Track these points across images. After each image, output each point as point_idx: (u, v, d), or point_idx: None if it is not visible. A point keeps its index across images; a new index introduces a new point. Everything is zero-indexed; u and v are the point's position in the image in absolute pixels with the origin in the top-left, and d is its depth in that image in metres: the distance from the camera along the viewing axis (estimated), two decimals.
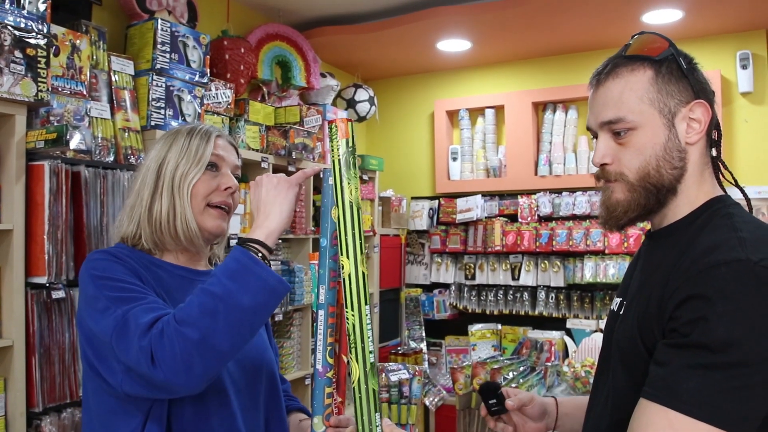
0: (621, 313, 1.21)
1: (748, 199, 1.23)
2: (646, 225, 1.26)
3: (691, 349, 0.96)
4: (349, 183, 1.12)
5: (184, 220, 1.42)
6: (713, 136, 1.18)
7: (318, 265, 1.22)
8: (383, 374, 3.14)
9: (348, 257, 1.10)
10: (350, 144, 1.13)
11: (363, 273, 1.09)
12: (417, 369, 3.27)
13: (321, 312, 1.20)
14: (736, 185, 1.23)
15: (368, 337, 1.09)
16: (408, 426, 3.13)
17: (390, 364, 3.41)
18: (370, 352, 1.09)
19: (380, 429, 1.08)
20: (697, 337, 0.96)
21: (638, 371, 1.07)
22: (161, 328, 1.16)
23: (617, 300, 1.27)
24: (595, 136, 1.22)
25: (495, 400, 1.49)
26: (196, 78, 2.93)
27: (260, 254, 1.24)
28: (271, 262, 3.23)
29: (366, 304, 1.09)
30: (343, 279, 1.11)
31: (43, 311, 2.23)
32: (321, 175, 1.24)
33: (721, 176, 1.21)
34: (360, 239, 1.10)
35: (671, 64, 1.15)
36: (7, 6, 2.12)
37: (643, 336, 1.09)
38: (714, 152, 1.19)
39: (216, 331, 1.14)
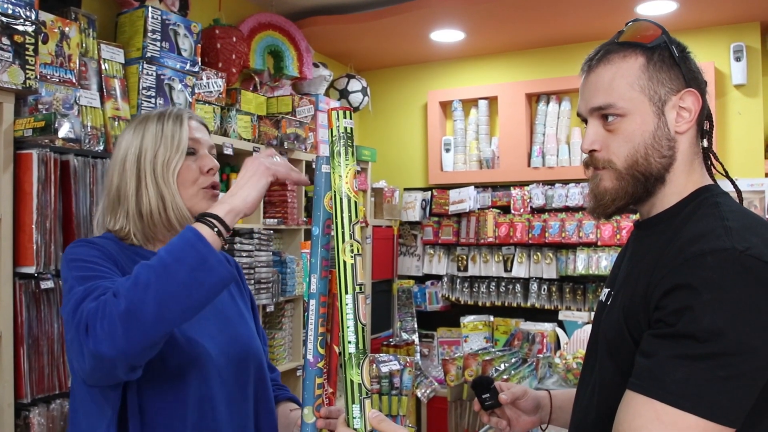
0: (608, 303, 1.21)
1: (738, 191, 1.23)
2: (637, 216, 1.26)
3: (677, 339, 0.95)
4: (333, 171, 1.10)
5: (176, 208, 1.42)
6: (705, 126, 1.18)
7: (310, 254, 1.21)
8: (374, 365, 3.14)
9: (336, 246, 1.09)
10: (335, 134, 1.11)
11: (344, 262, 1.08)
12: (408, 360, 3.27)
13: (312, 301, 1.19)
14: (727, 176, 1.22)
15: (348, 327, 1.07)
16: (399, 417, 3.13)
17: (381, 355, 3.40)
18: (349, 342, 1.07)
19: (359, 421, 1.06)
20: (683, 327, 0.95)
21: (625, 362, 1.06)
22: (99, 299, 1.14)
23: (605, 290, 1.26)
24: (585, 122, 1.21)
25: (488, 395, 1.48)
26: (187, 67, 2.90)
27: (216, 228, 1.21)
28: (263, 251, 3.22)
29: (347, 293, 1.08)
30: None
31: (31, 301, 2.21)
32: (314, 165, 1.22)
33: (712, 168, 1.21)
34: (342, 228, 1.09)
35: (663, 51, 1.14)
36: None
37: (629, 326, 1.08)
38: (705, 143, 1.18)
39: (144, 302, 1.10)
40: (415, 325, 4.67)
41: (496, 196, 4.57)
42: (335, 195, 1.10)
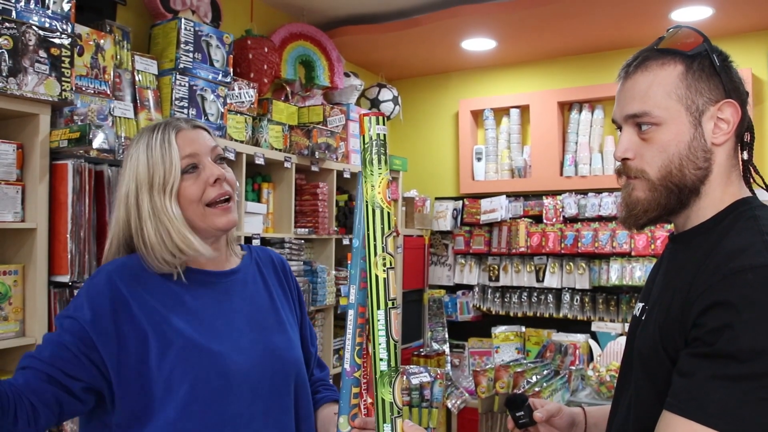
0: (643, 318, 1.17)
1: None
2: (672, 226, 1.22)
3: (716, 359, 0.93)
4: (365, 181, 1.07)
5: (176, 229, 1.36)
6: (745, 138, 1.14)
7: (350, 265, 1.20)
8: (404, 377, 3.12)
9: (368, 259, 1.07)
10: (367, 141, 1.07)
11: (376, 276, 1.05)
12: (438, 372, 3.24)
13: (351, 311, 1.17)
14: (767, 189, 1.18)
15: (379, 344, 1.05)
16: (429, 430, 3.10)
17: (411, 366, 3.38)
18: (381, 360, 1.04)
19: None
20: (723, 347, 0.92)
21: (660, 379, 1.04)
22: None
23: (639, 305, 1.23)
24: (620, 129, 1.18)
25: (522, 413, 1.45)
26: (219, 77, 2.93)
27: None
28: (294, 261, 3.23)
29: (378, 308, 1.05)
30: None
31: None
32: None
33: (751, 180, 1.17)
34: (374, 240, 1.06)
35: (704, 60, 1.11)
36: (32, 6, 2.13)
37: (665, 343, 1.05)
38: (745, 155, 1.15)
39: None
40: (446, 335, 4.64)
41: (528, 206, 4.52)
42: (367, 206, 1.07)
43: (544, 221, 4.40)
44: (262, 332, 1.45)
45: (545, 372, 3.28)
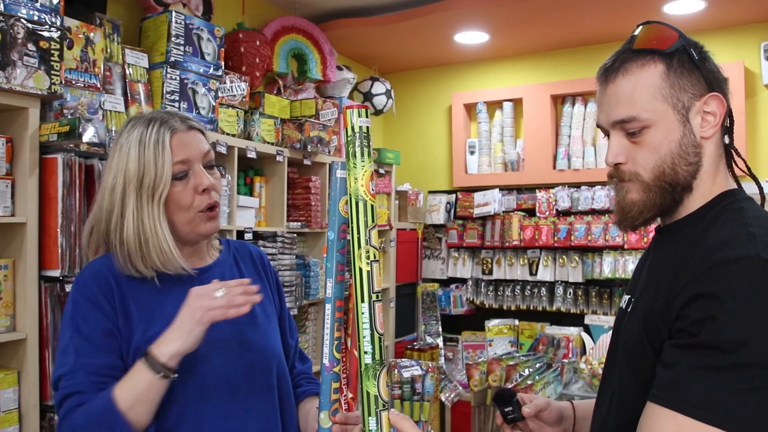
0: (629, 310, 1.18)
1: (762, 192, 1.19)
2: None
3: (700, 350, 0.93)
4: (349, 173, 1.07)
5: (157, 244, 1.36)
6: (726, 123, 1.14)
7: (325, 258, 1.19)
8: (396, 370, 3.12)
9: (351, 251, 1.07)
10: (350, 134, 1.07)
11: (360, 269, 1.05)
12: (430, 365, 3.24)
13: (328, 306, 1.17)
14: (751, 175, 1.18)
15: (364, 337, 1.04)
16: (421, 423, 3.10)
17: (403, 360, 3.38)
18: (366, 353, 1.04)
19: None
20: (706, 338, 0.92)
21: (644, 371, 1.04)
22: (62, 416, 1.28)
23: (626, 297, 1.23)
24: (606, 134, 1.18)
25: (510, 408, 1.45)
26: (211, 71, 2.91)
27: (161, 373, 1.26)
28: (286, 255, 3.22)
29: (363, 301, 1.05)
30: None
31: (56, 304, 2.23)
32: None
33: (735, 166, 1.17)
34: (358, 233, 1.05)
35: (682, 56, 1.10)
36: None
37: (650, 335, 1.05)
38: (726, 139, 1.15)
39: None
40: (440, 329, 4.65)
41: (521, 199, 4.52)
42: (351, 198, 1.06)
43: (537, 214, 4.40)
44: (239, 326, 1.44)
45: (537, 365, 3.28)
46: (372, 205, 1.07)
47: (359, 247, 1.06)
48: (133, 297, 1.37)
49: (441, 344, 4.54)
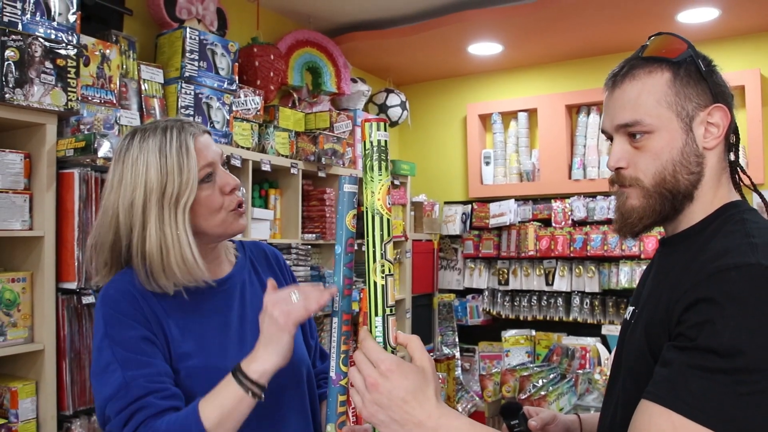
0: (632, 322, 1.18)
1: (766, 203, 1.19)
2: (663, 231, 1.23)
3: (698, 353, 0.93)
4: (366, 186, 1.06)
5: (178, 254, 1.32)
6: (731, 140, 1.15)
7: (333, 273, 1.20)
8: None
9: (366, 265, 1.07)
10: (368, 147, 1.06)
11: (374, 283, 1.04)
12: (440, 377, 3.23)
13: (335, 319, 1.17)
14: (755, 190, 1.19)
15: None
16: None
17: None
18: None
19: None
20: (704, 341, 0.92)
21: (646, 381, 1.02)
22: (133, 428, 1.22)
23: (630, 309, 1.23)
24: (610, 139, 1.18)
25: (517, 421, 1.45)
26: (225, 85, 2.96)
27: (250, 392, 1.23)
28: (301, 266, 3.24)
29: (376, 315, 1.05)
30: None
31: (73, 316, 2.27)
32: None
33: (739, 181, 1.18)
34: (373, 247, 1.05)
35: (690, 66, 1.11)
36: (38, 18, 2.17)
37: (651, 345, 1.05)
38: (732, 156, 1.15)
39: None
40: (456, 339, 4.64)
41: (536, 209, 4.52)
42: (366, 212, 1.06)
43: (553, 224, 4.39)
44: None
45: (551, 376, 3.27)
46: (388, 219, 1.06)
47: (374, 261, 1.05)
48: (159, 312, 1.35)
49: (458, 355, 4.52)
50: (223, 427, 1.21)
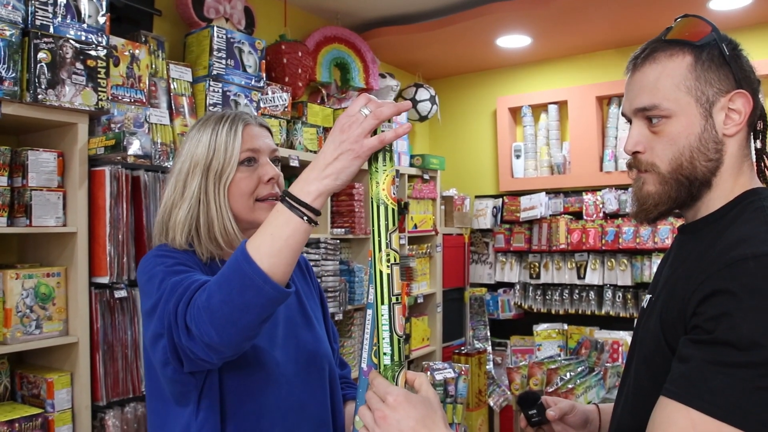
0: (648, 310, 1.17)
1: None
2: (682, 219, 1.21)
3: (715, 347, 0.91)
4: (371, 177, 1.09)
5: (223, 225, 1.39)
6: (758, 127, 1.13)
7: (368, 265, 1.21)
8: (428, 373, 3.14)
9: (372, 254, 1.09)
10: None
11: (380, 271, 1.07)
12: (463, 368, 3.24)
13: (369, 311, 1.18)
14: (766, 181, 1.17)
15: (383, 338, 1.07)
16: (454, 425, 3.11)
17: (436, 363, 3.39)
18: (384, 354, 1.07)
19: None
20: (722, 334, 0.91)
21: (659, 369, 1.02)
22: (194, 304, 1.15)
23: (647, 297, 1.21)
24: (630, 122, 1.17)
25: (535, 411, 1.45)
26: (252, 83, 3.00)
27: (305, 217, 1.10)
28: (330, 261, 3.28)
29: (383, 303, 1.07)
30: None
31: (106, 310, 2.34)
32: None
33: (765, 169, 1.15)
34: (379, 236, 1.07)
35: (713, 50, 1.09)
36: (69, 21, 2.23)
37: (666, 332, 1.04)
38: (758, 144, 1.13)
39: (207, 326, 1.11)
40: (488, 334, 4.63)
41: (567, 202, 4.48)
42: (372, 202, 1.09)
43: (585, 217, 4.36)
44: (294, 328, 1.48)
45: (579, 369, 3.25)
46: (393, 209, 1.09)
47: (380, 250, 1.07)
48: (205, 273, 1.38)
49: (489, 349, 4.52)
50: (278, 259, 1.09)
